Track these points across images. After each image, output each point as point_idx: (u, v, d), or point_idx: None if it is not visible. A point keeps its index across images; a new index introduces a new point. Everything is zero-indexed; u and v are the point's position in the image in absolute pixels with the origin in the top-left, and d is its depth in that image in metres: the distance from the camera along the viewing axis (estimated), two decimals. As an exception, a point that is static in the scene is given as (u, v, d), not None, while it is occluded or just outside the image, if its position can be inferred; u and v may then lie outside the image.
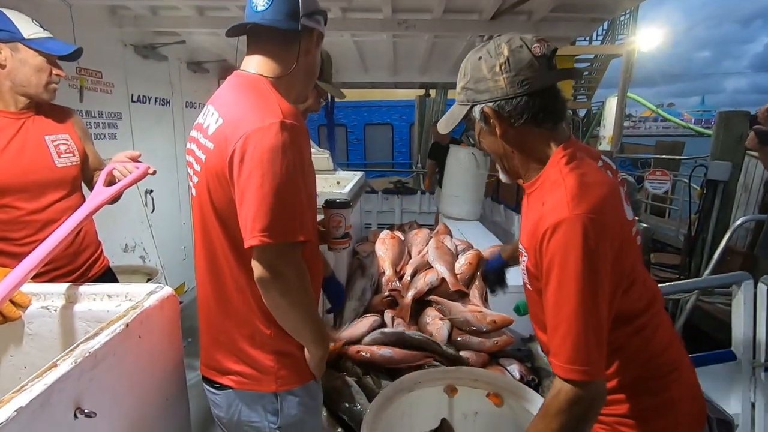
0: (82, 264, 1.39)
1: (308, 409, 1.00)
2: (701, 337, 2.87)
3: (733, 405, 1.61)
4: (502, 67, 0.81)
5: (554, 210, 0.75)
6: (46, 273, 1.28)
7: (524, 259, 0.87)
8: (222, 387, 0.98)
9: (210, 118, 0.91)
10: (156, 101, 2.85)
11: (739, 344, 1.62)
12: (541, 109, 0.82)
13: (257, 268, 0.83)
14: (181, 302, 2.34)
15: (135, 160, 1.26)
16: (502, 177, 0.94)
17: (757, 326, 1.60)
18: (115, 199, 1.41)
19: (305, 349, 0.96)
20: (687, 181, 4.61)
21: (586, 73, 10.36)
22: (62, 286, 1.03)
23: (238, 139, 0.81)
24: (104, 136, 2.31)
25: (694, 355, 1.52)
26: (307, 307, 0.89)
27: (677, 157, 6.51)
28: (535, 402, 1.08)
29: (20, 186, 1.25)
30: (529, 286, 0.91)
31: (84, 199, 1.41)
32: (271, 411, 0.96)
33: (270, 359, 0.94)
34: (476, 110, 0.85)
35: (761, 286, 1.57)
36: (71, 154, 1.37)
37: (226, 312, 0.95)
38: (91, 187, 1.47)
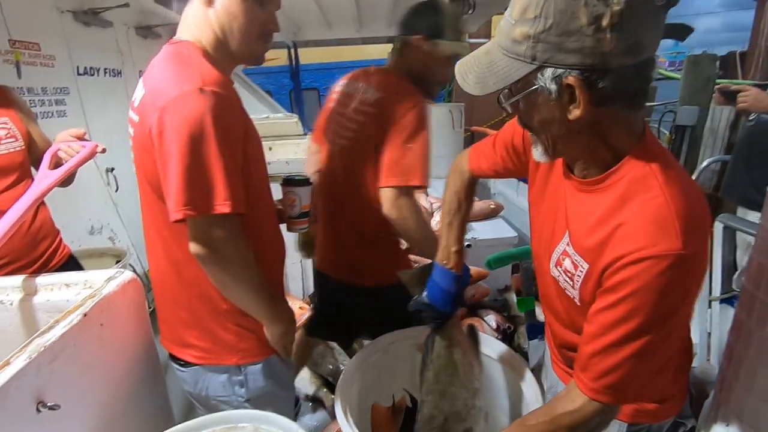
0: (41, 255, 1.34)
1: (277, 382, 1.02)
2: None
3: (692, 336, 1.73)
4: (614, 21, 0.53)
5: (659, 234, 0.58)
6: (1, 267, 1.24)
7: (576, 267, 0.70)
8: (187, 364, 0.99)
9: (138, 90, 0.88)
10: (106, 72, 2.66)
11: (697, 281, 1.71)
12: (641, 85, 0.60)
13: (191, 244, 0.82)
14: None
15: (81, 138, 1.19)
16: (542, 157, 0.69)
17: (713, 262, 1.68)
18: (67, 181, 1.34)
19: (264, 326, 0.97)
20: (657, 126, 4.66)
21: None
22: (17, 279, 1.00)
23: (156, 110, 0.78)
24: (51, 114, 2.16)
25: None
26: (251, 282, 0.88)
27: (649, 103, 6.55)
28: (499, 351, 1.13)
29: None
30: (570, 293, 0.74)
31: None
32: (237, 384, 0.98)
33: (230, 333, 0.95)
34: (547, 74, 0.58)
35: (718, 225, 1.64)
36: (13, 139, 1.28)
37: (182, 286, 0.94)
38: None
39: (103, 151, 1.14)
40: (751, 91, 1.88)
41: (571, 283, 0.72)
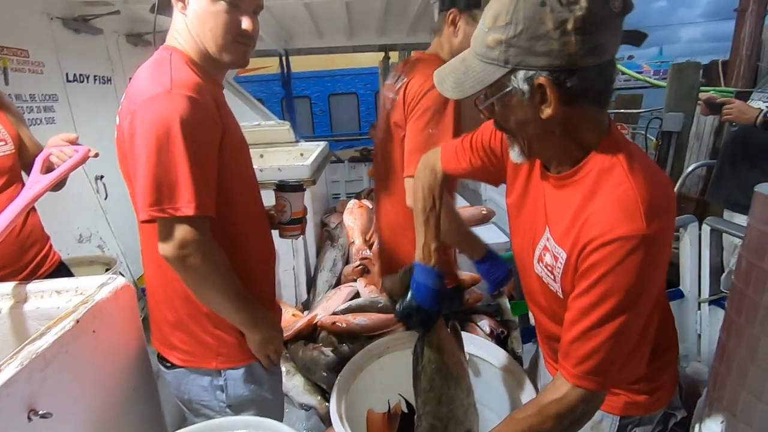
0: (29, 261, 1.32)
1: (260, 389, 1.01)
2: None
3: (681, 338, 1.75)
4: (577, 25, 0.58)
5: (625, 217, 0.62)
6: None
7: (556, 259, 0.74)
8: (173, 366, 0.99)
9: (124, 95, 0.89)
10: (96, 79, 2.64)
11: (686, 282, 1.74)
12: (606, 84, 0.65)
13: (159, 246, 0.82)
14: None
15: (73, 143, 1.17)
16: (519, 158, 0.74)
17: (701, 265, 1.71)
18: (58, 186, 1.32)
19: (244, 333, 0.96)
20: (644, 133, 4.76)
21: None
22: (6, 286, 0.98)
23: (128, 113, 0.80)
24: (40, 121, 2.14)
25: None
26: (221, 286, 0.87)
27: (635, 110, 6.69)
28: (495, 354, 1.13)
29: None
30: (553, 287, 0.77)
31: None
32: (218, 388, 0.97)
33: (210, 336, 0.95)
34: (519, 76, 0.62)
35: (705, 228, 1.67)
36: (3, 143, 1.26)
37: (168, 287, 0.94)
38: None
39: (96, 155, 1.13)
40: (735, 103, 1.96)
41: (552, 276, 0.75)
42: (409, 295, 0.93)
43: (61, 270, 1.43)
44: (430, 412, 0.91)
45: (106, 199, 2.45)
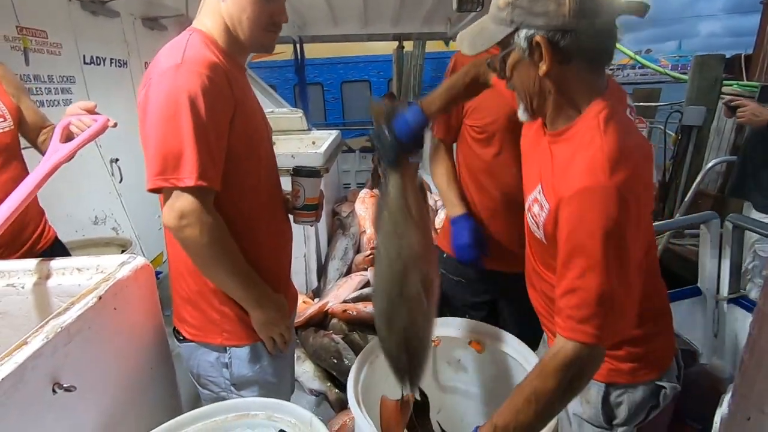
0: (27, 238, 1.28)
1: (264, 371, 1.01)
2: (671, 276, 3.02)
3: (697, 336, 1.73)
4: None
5: (588, 171, 0.68)
6: None
7: (542, 209, 0.79)
8: (185, 339, 1.00)
9: None
10: (112, 62, 2.64)
11: (705, 280, 1.71)
12: (599, 48, 0.71)
13: (163, 215, 0.84)
14: (160, 272, 2.32)
15: (91, 111, 1.15)
16: (524, 115, 0.81)
17: (721, 262, 1.68)
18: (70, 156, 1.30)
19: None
20: (662, 127, 4.66)
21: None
22: (27, 262, 0.99)
23: (144, 87, 0.83)
24: (58, 102, 2.15)
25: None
26: (221, 261, 0.87)
27: (653, 104, 6.54)
28: (511, 344, 1.12)
29: None
30: (537, 234, 0.83)
31: (25, 169, 1.29)
32: (223, 365, 0.98)
33: (215, 312, 0.96)
34: (521, 35, 0.69)
35: (727, 224, 1.64)
36: (2, 119, 1.22)
37: (180, 261, 0.95)
38: (38, 147, 1.34)
39: (115, 125, 1.12)
40: (749, 106, 1.96)
41: (536, 225, 0.81)
42: (391, 123, 0.92)
43: (56, 246, 1.39)
44: (388, 243, 0.87)
45: (120, 182, 2.47)
